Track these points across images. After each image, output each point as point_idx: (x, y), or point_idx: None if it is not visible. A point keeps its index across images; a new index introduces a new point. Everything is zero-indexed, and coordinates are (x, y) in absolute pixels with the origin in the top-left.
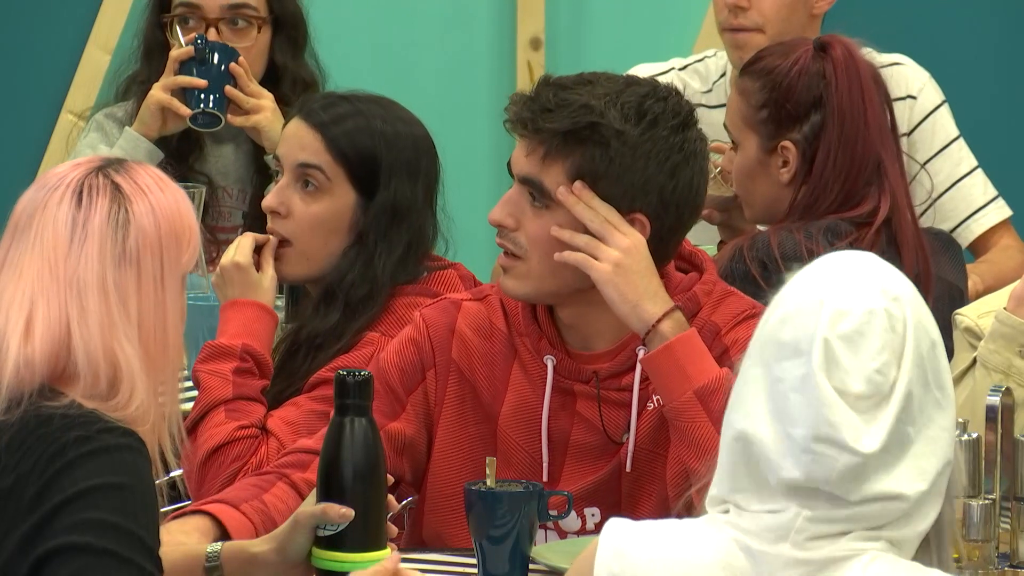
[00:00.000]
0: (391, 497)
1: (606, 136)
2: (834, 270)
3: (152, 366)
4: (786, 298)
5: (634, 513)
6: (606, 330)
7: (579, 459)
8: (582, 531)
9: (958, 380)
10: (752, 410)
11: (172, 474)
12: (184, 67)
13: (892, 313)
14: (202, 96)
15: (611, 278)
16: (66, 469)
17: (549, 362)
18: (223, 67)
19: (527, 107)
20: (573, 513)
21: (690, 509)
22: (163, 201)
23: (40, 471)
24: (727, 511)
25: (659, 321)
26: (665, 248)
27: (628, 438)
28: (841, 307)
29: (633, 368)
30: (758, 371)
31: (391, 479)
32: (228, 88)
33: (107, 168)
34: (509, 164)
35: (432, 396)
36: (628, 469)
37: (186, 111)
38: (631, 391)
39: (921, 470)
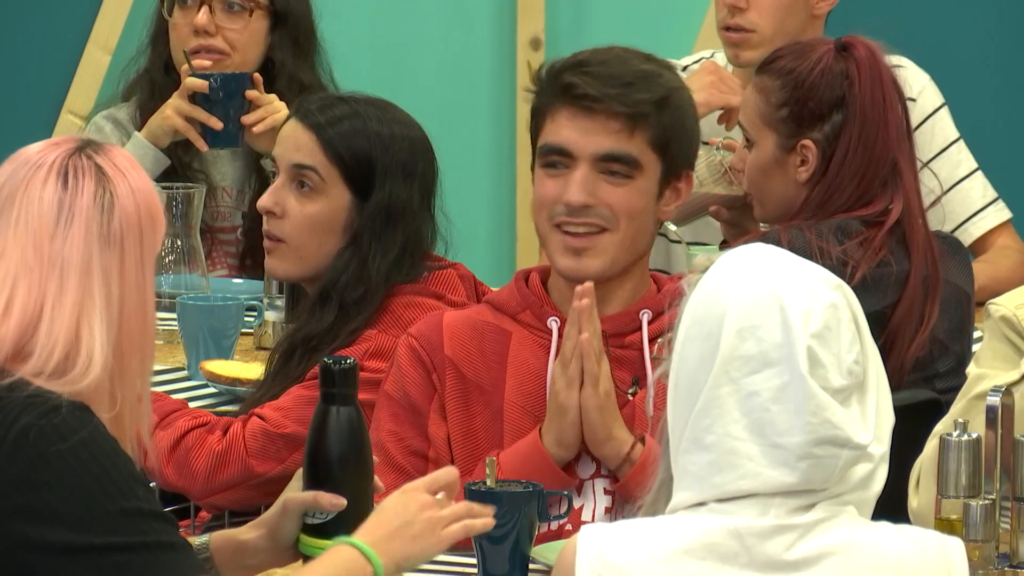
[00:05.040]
0: (377, 479)
1: (679, 101)
2: (759, 268)
3: (131, 347)
4: (729, 311)
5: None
6: (614, 300)
7: None
8: (596, 475)
9: (991, 364)
10: (727, 429)
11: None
12: (199, 99)
13: (848, 301)
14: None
15: (601, 403)
16: (28, 471)
17: (553, 324)
18: (239, 99)
19: (604, 83)
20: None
21: None
22: (139, 183)
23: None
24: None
25: (632, 448)
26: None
27: (637, 391)
28: (804, 307)
29: (637, 329)
30: (725, 389)
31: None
32: (244, 118)
33: (87, 149)
34: (556, 148)
35: (441, 396)
36: (651, 414)
37: (204, 146)
38: (633, 348)
39: (880, 433)
